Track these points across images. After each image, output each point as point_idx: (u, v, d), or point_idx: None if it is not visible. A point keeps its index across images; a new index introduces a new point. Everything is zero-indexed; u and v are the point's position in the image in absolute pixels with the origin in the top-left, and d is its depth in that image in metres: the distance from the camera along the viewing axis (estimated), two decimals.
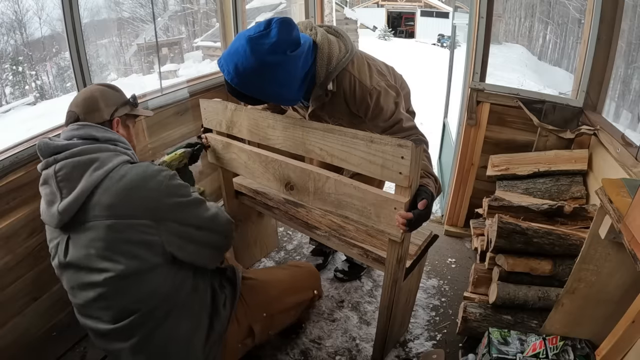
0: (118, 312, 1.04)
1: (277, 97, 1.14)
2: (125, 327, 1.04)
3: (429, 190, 1.07)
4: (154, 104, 1.86)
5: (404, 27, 22.33)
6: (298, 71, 1.09)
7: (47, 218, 1.04)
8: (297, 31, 1.07)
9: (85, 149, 1.04)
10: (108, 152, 1.07)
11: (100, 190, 1.00)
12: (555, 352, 1.19)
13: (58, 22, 7.20)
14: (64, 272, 1.07)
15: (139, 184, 1.02)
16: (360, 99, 1.22)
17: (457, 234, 2.31)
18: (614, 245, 1.06)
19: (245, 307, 1.27)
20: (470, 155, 2.13)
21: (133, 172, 1.04)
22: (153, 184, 1.04)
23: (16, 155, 1.34)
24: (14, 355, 1.39)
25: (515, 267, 1.44)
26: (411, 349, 1.60)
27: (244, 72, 1.02)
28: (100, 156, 1.04)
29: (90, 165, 1.02)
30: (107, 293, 1.02)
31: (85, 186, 0.99)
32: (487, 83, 1.97)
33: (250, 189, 1.70)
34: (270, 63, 1.01)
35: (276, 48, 1.00)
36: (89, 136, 1.09)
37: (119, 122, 1.20)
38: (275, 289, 1.38)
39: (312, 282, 1.53)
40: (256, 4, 7.72)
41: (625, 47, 2.79)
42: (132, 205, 1.01)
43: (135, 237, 1.01)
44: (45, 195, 1.04)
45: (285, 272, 1.51)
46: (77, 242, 1.02)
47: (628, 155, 1.41)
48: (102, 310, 1.05)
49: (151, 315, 1.06)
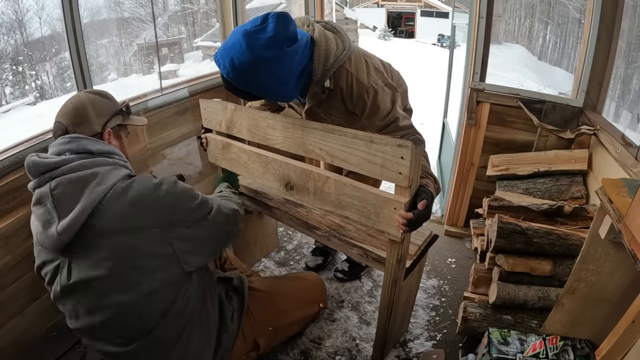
0: (130, 334, 1.01)
1: (273, 93, 1.13)
2: (137, 350, 1.01)
3: (428, 190, 1.07)
4: (154, 104, 1.86)
5: (404, 27, 22.33)
6: (295, 66, 1.08)
7: (44, 240, 0.95)
8: (294, 26, 1.06)
9: (83, 164, 0.97)
10: (107, 165, 1.00)
11: (103, 208, 0.94)
12: (555, 352, 1.19)
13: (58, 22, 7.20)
14: (68, 297, 0.99)
15: (145, 194, 0.98)
16: (357, 97, 1.21)
17: (457, 234, 2.31)
18: (614, 245, 1.06)
19: (251, 320, 1.26)
20: (470, 155, 2.13)
21: (137, 185, 0.98)
22: (160, 194, 0.99)
23: (16, 156, 1.34)
24: (14, 355, 1.39)
25: (515, 267, 1.44)
26: (411, 349, 1.60)
27: (239, 66, 1.01)
28: (100, 171, 0.97)
29: (91, 181, 0.95)
30: (118, 316, 0.98)
31: (86, 204, 0.92)
32: (487, 83, 1.97)
33: (250, 189, 1.70)
34: (266, 58, 1.00)
35: (272, 43, 0.99)
36: (83, 150, 1.01)
37: (110, 134, 1.11)
38: (281, 303, 1.37)
39: (318, 295, 1.52)
40: (256, 4, 7.71)
41: (625, 47, 2.78)
42: (140, 218, 0.96)
43: (146, 252, 0.96)
44: (40, 215, 0.95)
45: (291, 285, 1.49)
46: (82, 263, 0.95)
47: (628, 155, 1.41)
48: (111, 334, 1.01)
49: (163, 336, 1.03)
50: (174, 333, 1.05)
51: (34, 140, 1.43)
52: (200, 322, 1.11)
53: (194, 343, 1.09)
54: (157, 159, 1.92)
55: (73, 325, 1.03)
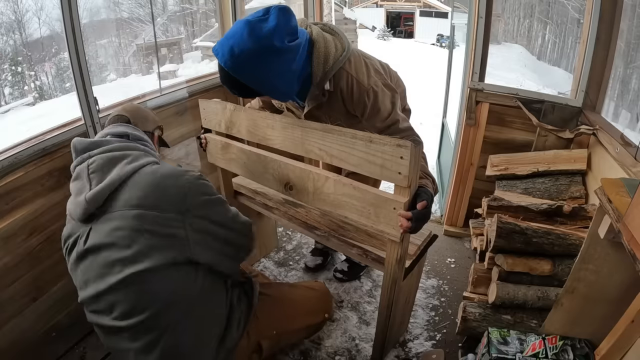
0: (129, 307, 1.01)
1: (270, 88, 1.10)
2: (134, 325, 1.02)
3: (428, 191, 1.07)
4: (154, 104, 1.86)
5: (403, 27, 22.35)
6: (294, 64, 1.07)
7: (73, 207, 1.04)
8: (295, 20, 1.06)
9: (118, 146, 1.09)
10: (139, 150, 1.11)
11: (130, 184, 1.02)
12: (554, 352, 1.19)
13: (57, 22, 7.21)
14: (81, 262, 1.04)
15: (168, 180, 1.04)
16: (358, 99, 1.21)
17: (456, 233, 2.31)
18: (613, 245, 1.06)
19: (256, 322, 1.25)
20: (470, 155, 2.13)
21: (162, 170, 1.06)
22: (182, 181, 1.05)
23: (15, 156, 1.34)
24: (14, 356, 1.39)
25: (514, 267, 1.44)
26: (411, 349, 1.60)
27: (239, 54, 1.00)
28: (133, 153, 1.08)
29: (123, 159, 1.05)
30: (122, 285, 0.99)
31: (115, 177, 1.01)
32: (486, 83, 1.97)
33: (249, 189, 1.70)
34: (268, 47, 0.99)
35: (274, 33, 0.99)
36: (122, 133, 1.16)
37: (157, 139, 1.32)
38: (288, 308, 1.37)
39: (324, 305, 1.51)
40: (255, 4, 7.72)
41: (624, 47, 2.79)
42: (160, 198, 1.01)
43: (160, 229, 1.00)
44: (75, 188, 1.05)
45: (299, 293, 1.49)
46: (99, 230, 1.01)
47: (627, 154, 1.41)
48: (112, 305, 1.02)
49: (162, 318, 1.03)
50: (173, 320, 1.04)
51: (33, 140, 1.43)
52: (203, 316, 1.11)
53: (193, 335, 1.09)
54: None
55: (81, 295, 1.07)
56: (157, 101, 1.88)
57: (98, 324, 1.07)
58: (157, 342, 1.04)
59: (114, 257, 0.99)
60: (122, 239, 0.99)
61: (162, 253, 1.00)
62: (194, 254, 1.04)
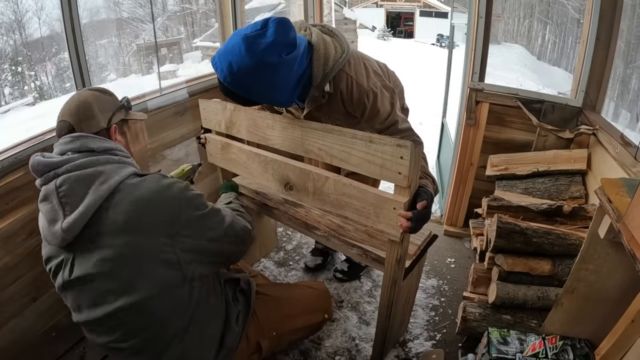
0: (130, 330, 1.00)
1: (269, 99, 1.13)
2: (136, 344, 1.01)
3: (428, 191, 1.07)
4: (153, 104, 1.86)
5: (403, 27, 22.32)
6: (292, 74, 1.08)
7: (49, 237, 0.95)
8: (294, 32, 1.06)
9: (86, 162, 0.96)
10: (112, 163, 0.99)
11: (109, 206, 0.93)
12: (554, 352, 1.19)
13: (57, 22, 7.21)
14: (69, 290, 0.99)
15: (152, 197, 0.96)
16: (357, 100, 1.22)
17: (456, 233, 2.31)
18: (613, 245, 1.06)
19: (256, 322, 1.26)
20: (470, 155, 2.13)
21: (145, 185, 0.97)
22: (168, 198, 0.98)
23: (15, 156, 1.34)
24: (14, 356, 1.38)
25: (514, 267, 1.44)
26: (411, 349, 1.60)
27: (238, 71, 1.01)
28: (105, 169, 0.96)
29: (96, 178, 0.94)
30: (119, 312, 0.97)
31: (91, 202, 0.91)
32: (486, 83, 1.97)
33: (249, 189, 1.70)
34: (265, 64, 1.00)
35: (272, 49, 0.99)
36: (85, 148, 0.99)
37: (116, 129, 1.09)
38: (287, 308, 1.37)
39: (324, 305, 1.51)
40: (255, 4, 7.73)
41: (624, 46, 2.79)
42: (146, 220, 0.95)
43: (150, 257, 0.95)
44: (46, 212, 0.95)
45: (298, 292, 1.49)
46: (84, 262, 0.94)
47: (627, 154, 1.41)
48: (111, 328, 1.00)
49: (166, 332, 1.03)
50: (174, 334, 1.05)
51: (33, 140, 1.43)
52: (203, 322, 1.10)
53: (195, 342, 1.09)
54: (156, 160, 1.92)
55: (75, 318, 1.03)
56: (157, 101, 1.88)
57: (98, 343, 1.04)
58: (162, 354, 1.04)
59: (106, 288, 0.95)
60: (111, 270, 0.94)
61: (155, 281, 0.97)
62: (187, 272, 1.02)
